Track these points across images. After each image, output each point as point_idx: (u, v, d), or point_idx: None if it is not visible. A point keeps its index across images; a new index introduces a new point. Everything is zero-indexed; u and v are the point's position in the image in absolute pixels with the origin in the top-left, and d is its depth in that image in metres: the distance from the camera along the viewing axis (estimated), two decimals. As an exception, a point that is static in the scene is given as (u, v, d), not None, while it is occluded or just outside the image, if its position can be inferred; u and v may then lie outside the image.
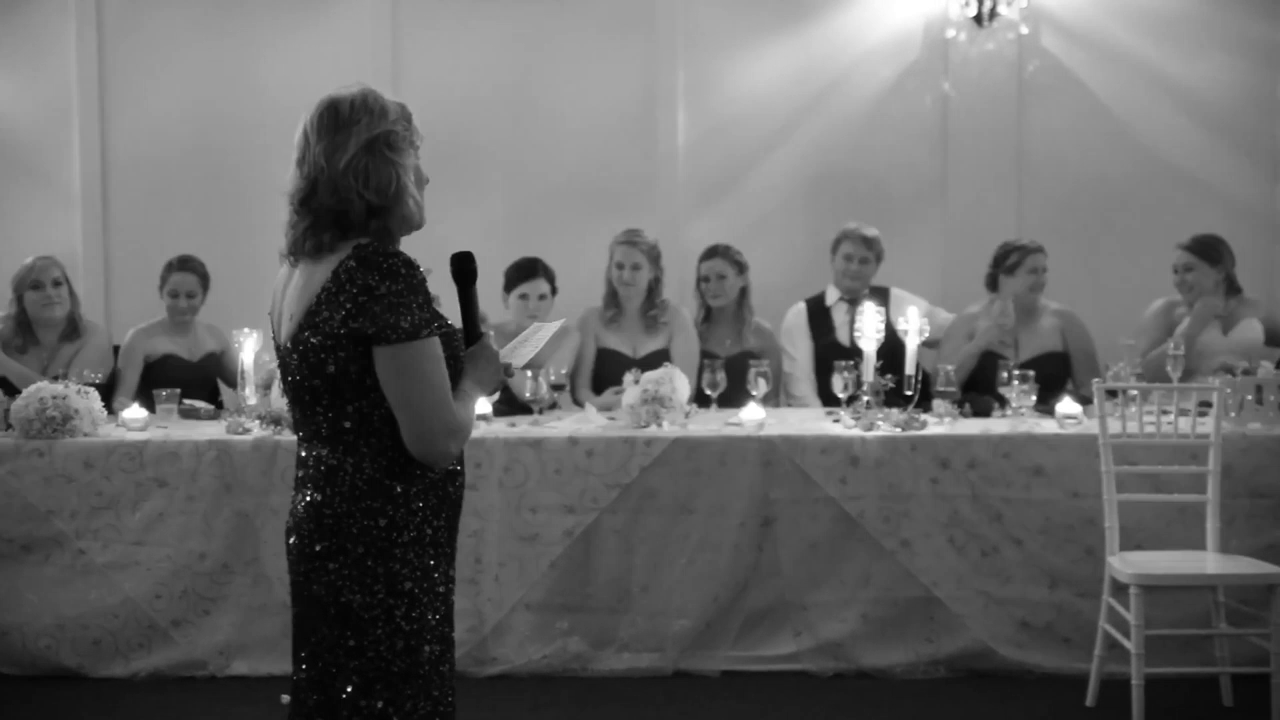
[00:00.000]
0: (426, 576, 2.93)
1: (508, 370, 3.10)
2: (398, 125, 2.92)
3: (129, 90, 7.86)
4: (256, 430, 5.75)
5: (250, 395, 5.94)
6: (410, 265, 2.84)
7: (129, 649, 5.67)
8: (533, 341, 3.25)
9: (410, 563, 2.91)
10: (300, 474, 2.98)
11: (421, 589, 2.92)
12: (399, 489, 2.89)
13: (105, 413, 5.90)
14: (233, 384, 6.30)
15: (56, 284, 6.59)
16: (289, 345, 2.92)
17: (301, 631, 2.98)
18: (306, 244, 2.90)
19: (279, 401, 5.79)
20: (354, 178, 2.86)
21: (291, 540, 2.97)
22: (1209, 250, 6.52)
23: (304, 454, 2.98)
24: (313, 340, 2.85)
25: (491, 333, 3.04)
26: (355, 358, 2.83)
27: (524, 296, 6.51)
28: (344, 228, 2.87)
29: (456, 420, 2.87)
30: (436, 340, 2.84)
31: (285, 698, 3.03)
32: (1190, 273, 6.53)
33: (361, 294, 2.79)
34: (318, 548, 2.90)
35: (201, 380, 6.68)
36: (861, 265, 6.83)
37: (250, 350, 5.96)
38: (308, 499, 2.93)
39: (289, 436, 5.61)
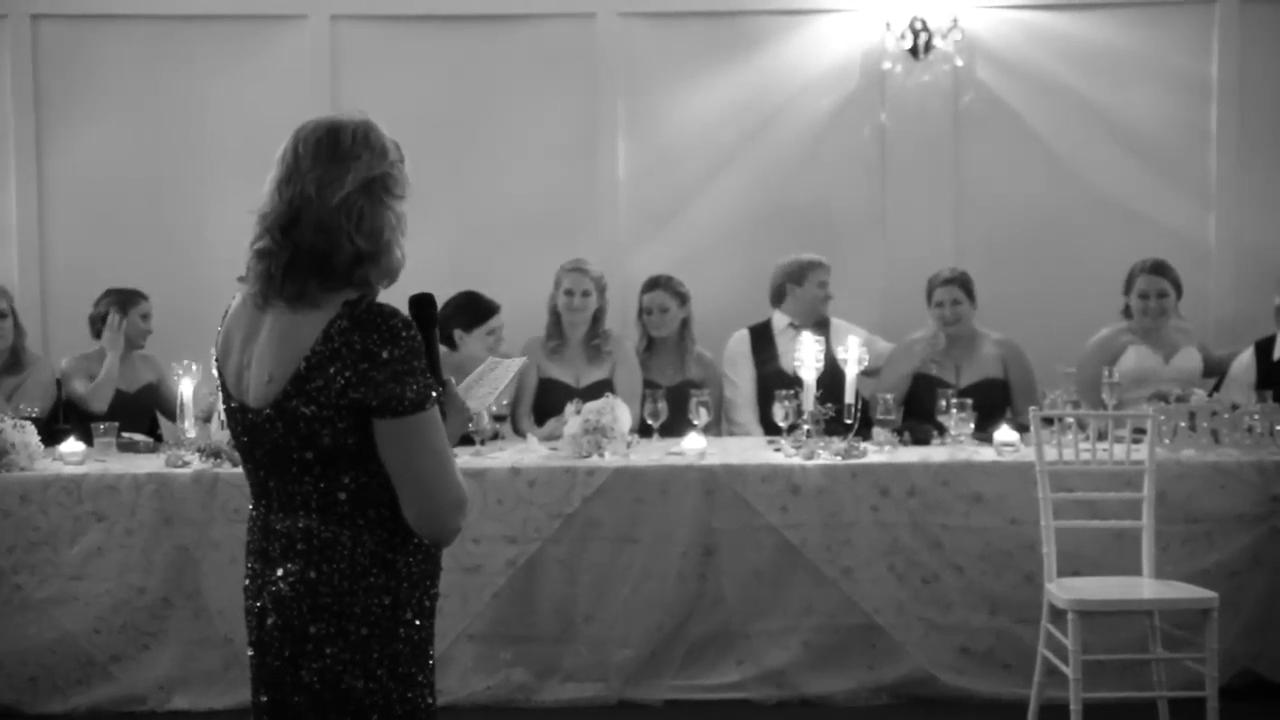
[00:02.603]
0: (424, 654, 2.74)
1: (467, 414, 2.91)
2: (395, 168, 2.71)
3: (66, 120, 7.80)
4: (196, 463, 5.71)
5: (189, 428, 5.90)
6: (409, 325, 2.60)
7: (67, 685, 5.60)
8: (490, 381, 3.09)
9: (411, 641, 2.71)
10: (274, 546, 2.70)
11: (419, 667, 2.73)
12: (400, 562, 2.68)
13: (42, 446, 5.83)
14: (170, 415, 6.26)
15: (1, 315, 6.53)
16: (269, 412, 2.64)
17: (282, 718, 2.72)
18: (286, 286, 2.62)
19: (219, 434, 5.77)
20: (345, 217, 2.62)
21: (270, 621, 2.69)
22: (1173, 274, 6.62)
23: (281, 524, 2.70)
24: (304, 410, 2.59)
25: (453, 379, 2.89)
26: (354, 429, 2.60)
27: (491, 332, 6.50)
28: (326, 275, 2.62)
29: (462, 492, 2.66)
30: (437, 407, 2.64)
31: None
32: (1164, 299, 6.60)
33: (361, 360, 2.55)
34: (312, 630, 2.64)
35: (140, 411, 6.62)
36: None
37: (189, 383, 5.93)
38: (295, 575, 2.66)
39: (228, 469, 5.59)
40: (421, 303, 2.81)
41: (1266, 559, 5.65)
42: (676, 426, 6.09)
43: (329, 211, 2.62)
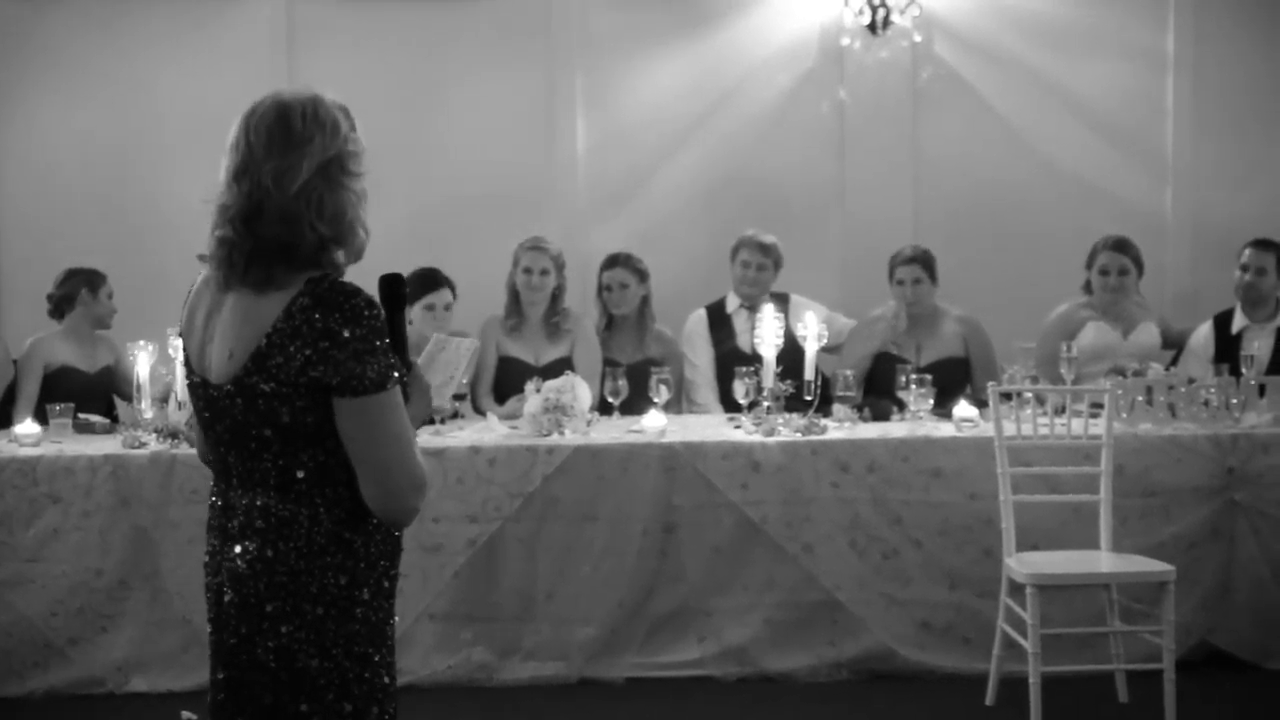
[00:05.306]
0: (381, 633, 2.72)
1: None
2: (348, 143, 2.68)
3: (20, 98, 7.72)
4: (153, 444, 5.67)
5: (146, 409, 5.85)
6: (371, 305, 2.58)
7: (24, 668, 5.56)
8: (442, 366, 3.05)
9: (368, 621, 2.68)
10: (233, 523, 2.70)
11: (375, 647, 2.70)
12: (358, 542, 2.67)
13: (-4, 428, 5.79)
14: (127, 397, 6.21)
15: None
16: (230, 388, 2.63)
17: (238, 698, 2.70)
18: (250, 274, 2.60)
19: (176, 415, 5.72)
20: (306, 205, 2.60)
21: (228, 598, 2.68)
22: (1135, 251, 6.64)
23: (239, 501, 2.70)
24: (263, 387, 2.58)
25: (419, 360, 2.87)
26: (313, 407, 2.58)
27: (430, 308, 6.46)
28: (291, 261, 2.60)
29: (422, 474, 2.64)
30: (399, 388, 2.62)
31: (186, 714, 2.95)
32: (1125, 276, 6.62)
33: (322, 339, 2.54)
34: (268, 608, 2.63)
35: (98, 393, 6.57)
36: (759, 272, 6.87)
37: (145, 363, 5.88)
38: (252, 553, 2.65)
39: (186, 450, 5.55)
40: (391, 282, 2.80)
41: (1223, 531, 5.69)
42: (637, 404, 6.08)
43: (289, 201, 2.59)
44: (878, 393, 6.34)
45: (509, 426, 5.94)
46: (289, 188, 2.60)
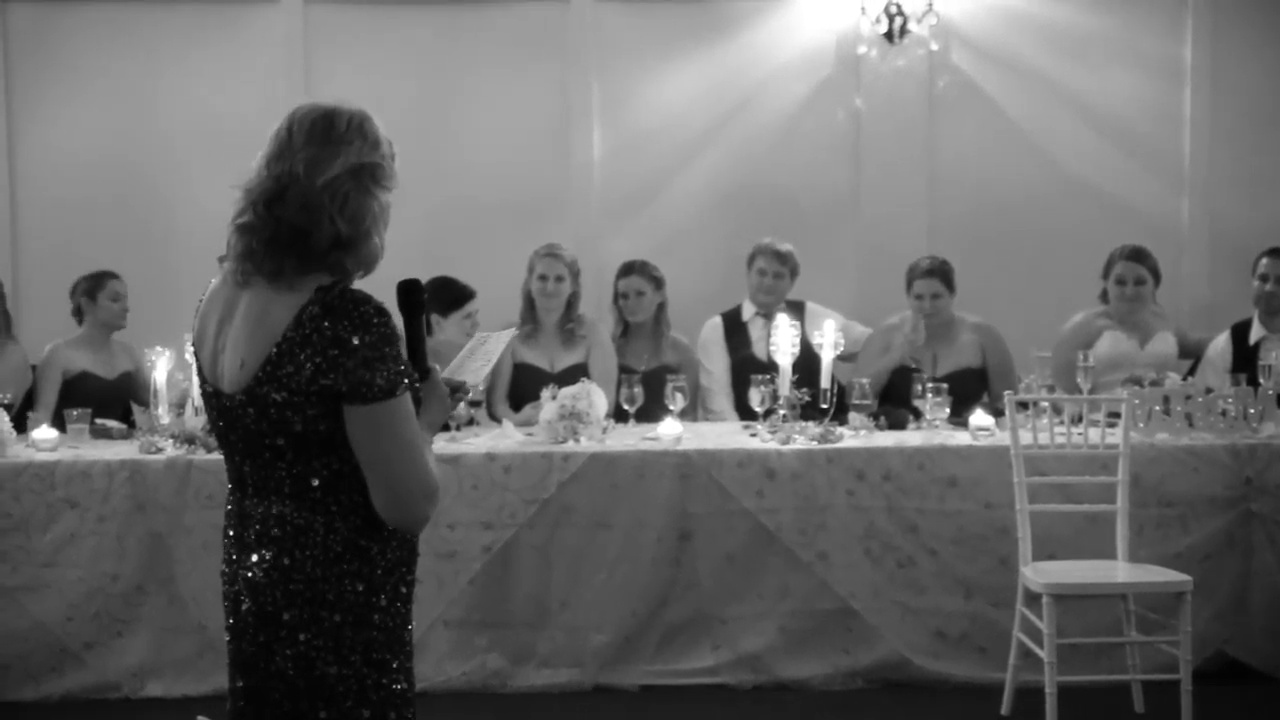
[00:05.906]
0: (399, 639, 2.74)
1: (464, 389, 2.94)
2: (385, 160, 2.72)
3: (36, 105, 7.74)
4: (170, 449, 5.68)
5: (163, 414, 5.87)
6: (382, 312, 2.60)
7: (40, 673, 5.57)
8: (481, 354, 3.10)
9: (386, 628, 2.71)
10: (249, 531, 2.71)
11: (393, 653, 2.72)
12: (375, 549, 2.68)
13: (14, 433, 5.80)
14: (145, 403, 6.23)
15: None
16: (242, 398, 2.65)
17: (257, 707, 2.72)
18: (266, 262, 2.63)
19: (193, 420, 5.74)
20: (330, 198, 2.62)
21: (245, 606, 2.69)
22: (1152, 260, 6.61)
23: (255, 510, 2.71)
24: (275, 396, 2.60)
25: (437, 366, 2.89)
26: (325, 415, 2.59)
27: (468, 317, 6.49)
28: (303, 255, 2.62)
29: (433, 481, 2.65)
30: (409, 395, 2.64)
31: (201, 720, 2.96)
32: (1142, 285, 6.59)
33: (332, 347, 2.55)
34: (286, 616, 2.65)
35: (116, 399, 6.58)
36: (775, 280, 6.86)
37: (163, 369, 5.90)
38: (269, 561, 2.66)
39: (202, 455, 5.57)
40: (409, 289, 2.82)
41: (1239, 542, 5.68)
42: (652, 411, 6.08)
43: (314, 191, 2.62)
44: (894, 401, 6.33)
45: (524, 433, 5.94)
46: (317, 177, 2.63)
